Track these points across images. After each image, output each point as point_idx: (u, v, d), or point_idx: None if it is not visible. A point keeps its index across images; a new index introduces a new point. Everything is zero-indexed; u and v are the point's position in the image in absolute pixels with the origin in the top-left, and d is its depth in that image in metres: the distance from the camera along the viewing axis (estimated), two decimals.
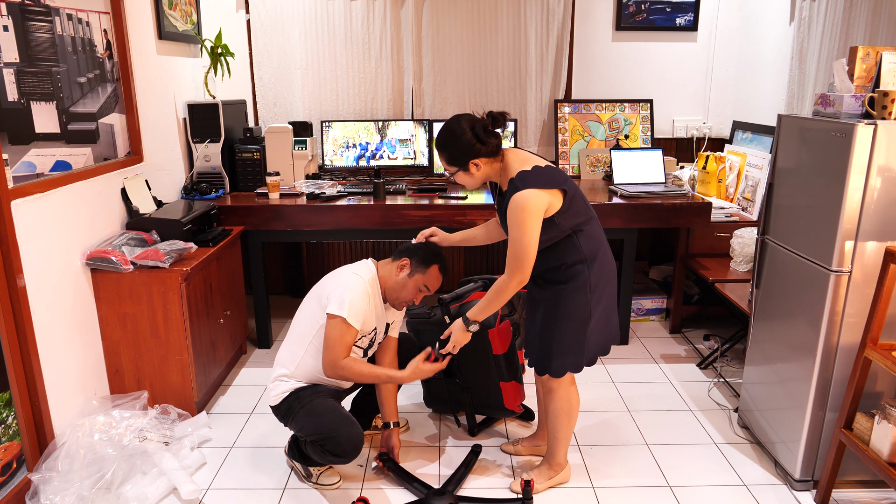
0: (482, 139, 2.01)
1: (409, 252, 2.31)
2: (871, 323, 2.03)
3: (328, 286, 2.27)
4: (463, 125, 2.02)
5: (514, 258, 1.98)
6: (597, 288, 2.08)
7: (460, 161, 2.05)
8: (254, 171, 3.50)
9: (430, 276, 2.29)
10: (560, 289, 2.09)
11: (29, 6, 2.19)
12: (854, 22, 3.09)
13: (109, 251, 2.50)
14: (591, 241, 2.08)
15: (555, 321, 2.11)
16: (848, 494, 2.28)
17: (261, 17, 3.85)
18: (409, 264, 2.28)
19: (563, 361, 2.13)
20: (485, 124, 2.02)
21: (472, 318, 2.11)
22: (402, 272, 2.28)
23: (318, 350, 2.27)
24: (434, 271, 2.30)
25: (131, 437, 2.33)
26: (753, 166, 3.51)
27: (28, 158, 2.20)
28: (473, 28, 3.92)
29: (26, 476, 2.15)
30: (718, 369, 3.24)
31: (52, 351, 2.28)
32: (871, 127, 1.98)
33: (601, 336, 2.18)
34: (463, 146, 2.02)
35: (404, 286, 2.29)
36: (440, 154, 2.09)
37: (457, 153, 2.04)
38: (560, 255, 2.06)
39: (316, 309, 2.27)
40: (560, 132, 3.98)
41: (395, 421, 2.46)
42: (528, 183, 1.97)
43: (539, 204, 1.95)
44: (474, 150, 2.01)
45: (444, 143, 2.07)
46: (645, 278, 4.21)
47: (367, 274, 2.27)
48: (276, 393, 2.28)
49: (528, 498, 2.23)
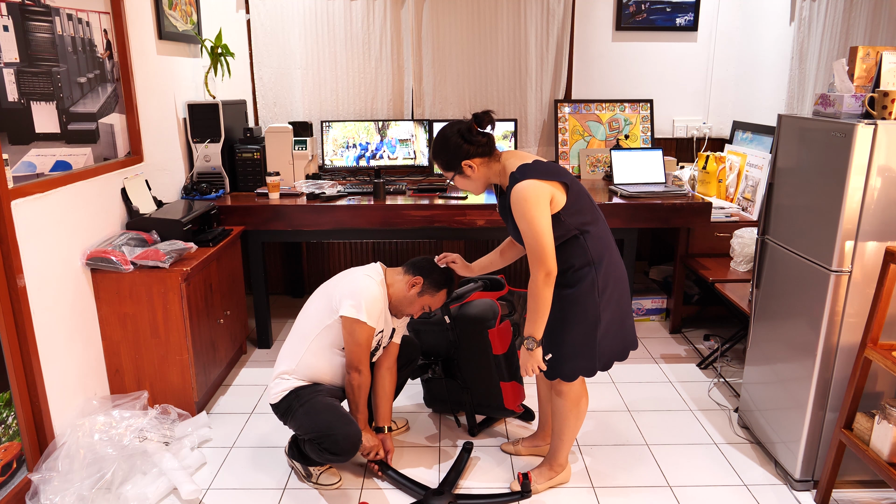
0: (468, 139, 2.04)
1: (423, 271, 2.32)
2: (871, 323, 2.03)
3: (340, 288, 2.28)
4: (448, 131, 2.09)
5: (531, 251, 1.96)
6: (605, 290, 2.06)
7: (452, 164, 2.08)
8: (254, 171, 3.50)
9: (437, 299, 2.34)
10: (567, 293, 2.07)
11: (29, 6, 2.19)
12: (854, 22, 3.09)
13: (109, 251, 2.50)
14: (598, 242, 2.06)
15: (563, 325, 2.09)
16: (848, 494, 2.28)
17: (261, 17, 3.85)
18: (422, 284, 2.30)
19: (574, 365, 2.12)
20: (469, 125, 2.06)
21: (527, 334, 2.05)
22: (412, 289, 2.30)
23: (320, 349, 2.27)
24: (443, 296, 2.34)
25: (131, 437, 2.33)
26: (753, 166, 3.51)
27: (28, 158, 2.20)
28: (473, 28, 3.92)
29: (26, 476, 2.15)
30: (718, 369, 3.24)
31: (52, 351, 2.28)
32: (871, 127, 1.98)
33: (616, 340, 2.15)
34: (451, 149, 2.06)
35: (412, 303, 2.32)
36: (436, 163, 2.15)
37: (447, 157, 2.08)
38: (567, 257, 2.05)
39: (323, 309, 2.28)
40: (560, 132, 3.98)
41: (388, 426, 2.46)
42: (527, 174, 1.97)
43: (540, 192, 1.94)
44: (462, 150, 2.05)
45: (435, 150, 2.13)
46: (645, 278, 4.21)
47: (378, 277, 2.30)
48: (277, 391, 2.28)
49: (527, 491, 2.24)
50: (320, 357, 2.29)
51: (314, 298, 2.36)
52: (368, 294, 2.22)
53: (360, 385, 2.28)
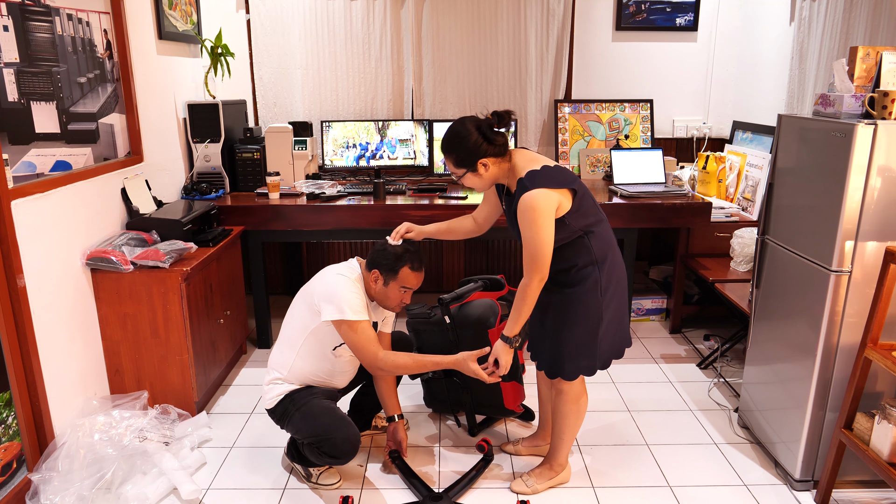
0: (489, 138, 2.00)
1: (374, 263, 2.23)
2: (871, 323, 2.03)
3: (316, 292, 2.22)
4: (468, 126, 2.02)
5: (531, 258, 1.96)
6: (607, 290, 2.08)
7: (468, 162, 2.03)
8: (254, 171, 3.50)
9: (403, 278, 2.21)
10: (570, 292, 2.08)
11: (29, 6, 2.19)
12: (854, 22, 3.09)
13: (109, 251, 2.50)
14: (601, 242, 2.07)
15: (565, 324, 2.09)
16: (848, 494, 2.28)
17: (261, 17, 3.85)
18: (380, 274, 2.22)
19: (576, 365, 2.13)
20: (490, 123, 2.02)
21: (509, 334, 2.06)
22: (377, 283, 2.23)
23: (308, 353, 2.26)
24: (405, 273, 2.21)
25: (131, 437, 2.33)
26: (753, 166, 3.51)
27: (28, 158, 2.20)
28: (473, 28, 3.92)
29: (26, 476, 2.15)
30: (718, 369, 3.24)
31: (52, 351, 2.28)
32: (871, 127, 1.97)
33: (615, 339, 2.17)
34: (469, 146, 2.01)
35: (386, 295, 2.25)
36: (447, 157, 2.07)
37: (464, 154, 2.02)
38: (571, 256, 2.05)
39: (305, 313, 2.25)
40: (560, 132, 3.98)
41: (399, 413, 2.44)
42: (536, 182, 1.96)
43: (549, 203, 1.94)
44: (482, 149, 2.00)
45: (451, 145, 2.05)
46: (645, 278, 4.21)
47: (351, 273, 2.23)
48: (271, 396, 2.27)
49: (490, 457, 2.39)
50: (309, 362, 2.27)
51: (295, 303, 2.31)
52: (343, 291, 2.15)
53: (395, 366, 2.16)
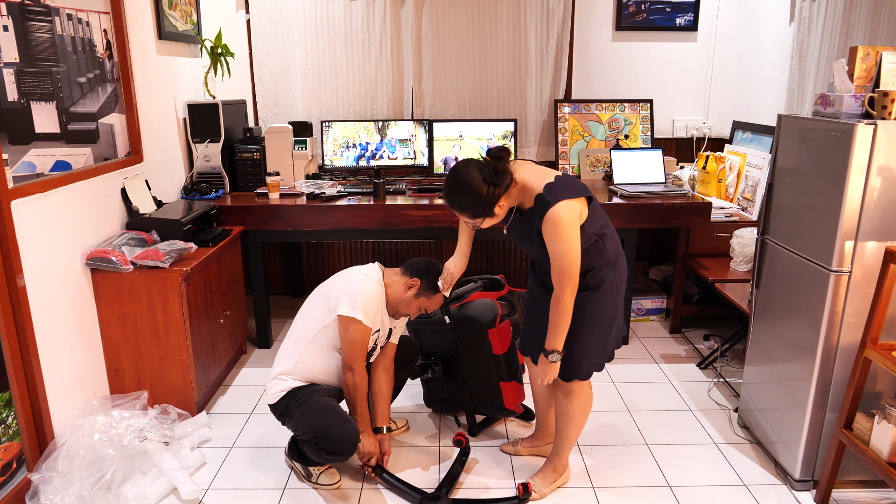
0: (497, 182, 1.94)
1: (421, 273, 2.31)
2: (871, 323, 2.03)
3: (337, 286, 2.28)
4: (473, 180, 1.93)
5: (561, 271, 1.94)
6: (620, 288, 2.12)
7: (485, 212, 1.98)
8: (254, 171, 3.50)
9: (433, 301, 2.34)
10: (587, 294, 2.07)
11: (29, 6, 2.19)
12: (854, 22, 3.09)
13: (109, 251, 2.50)
14: (612, 242, 2.10)
15: (583, 326, 2.09)
16: (848, 494, 2.28)
17: (261, 17, 3.85)
18: (419, 286, 2.30)
19: (590, 363, 2.15)
20: (493, 167, 1.93)
21: (550, 348, 2.04)
22: (409, 291, 2.30)
23: (317, 349, 2.28)
24: (439, 298, 2.34)
25: (131, 437, 2.33)
26: (753, 166, 3.51)
27: (28, 158, 2.20)
28: (473, 28, 3.92)
29: (26, 476, 2.15)
30: (718, 369, 3.24)
31: (52, 351, 2.28)
32: (871, 127, 1.98)
33: (618, 333, 2.22)
34: (483, 200, 1.94)
35: (408, 304, 2.32)
36: (461, 214, 2.01)
37: (480, 208, 1.96)
38: (588, 260, 2.05)
39: (321, 308, 2.28)
40: (560, 132, 3.98)
41: (387, 426, 2.45)
42: (558, 195, 1.93)
43: (573, 214, 1.94)
44: (494, 196, 1.95)
45: (464, 203, 1.98)
46: (645, 278, 4.21)
47: (375, 276, 2.30)
48: (275, 392, 2.28)
49: (526, 498, 2.23)
50: (318, 358, 2.29)
51: (312, 298, 2.36)
52: (365, 292, 2.22)
53: (354, 385, 2.26)
